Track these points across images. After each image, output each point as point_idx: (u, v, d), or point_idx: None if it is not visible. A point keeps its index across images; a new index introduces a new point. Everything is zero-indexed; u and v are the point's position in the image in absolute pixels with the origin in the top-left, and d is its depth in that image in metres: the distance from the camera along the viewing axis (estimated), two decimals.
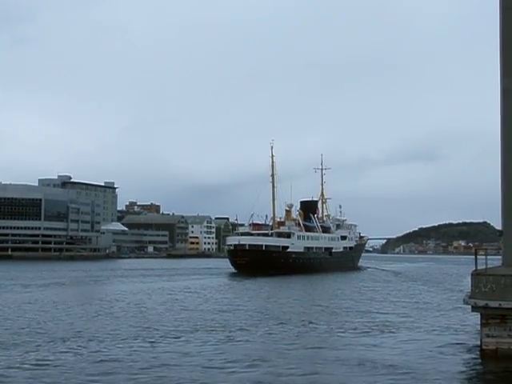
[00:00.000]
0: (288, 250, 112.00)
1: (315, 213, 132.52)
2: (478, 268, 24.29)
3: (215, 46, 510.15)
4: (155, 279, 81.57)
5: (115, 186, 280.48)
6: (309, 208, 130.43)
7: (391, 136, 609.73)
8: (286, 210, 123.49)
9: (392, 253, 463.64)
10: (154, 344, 26.68)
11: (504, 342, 22.06)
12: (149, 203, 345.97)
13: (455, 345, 26.53)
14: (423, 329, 32.15)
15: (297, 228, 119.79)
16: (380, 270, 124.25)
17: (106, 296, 53.31)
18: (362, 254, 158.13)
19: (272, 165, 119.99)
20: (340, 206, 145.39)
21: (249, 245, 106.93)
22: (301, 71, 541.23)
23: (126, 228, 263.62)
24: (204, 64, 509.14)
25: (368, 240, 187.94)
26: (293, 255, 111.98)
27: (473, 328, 29.48)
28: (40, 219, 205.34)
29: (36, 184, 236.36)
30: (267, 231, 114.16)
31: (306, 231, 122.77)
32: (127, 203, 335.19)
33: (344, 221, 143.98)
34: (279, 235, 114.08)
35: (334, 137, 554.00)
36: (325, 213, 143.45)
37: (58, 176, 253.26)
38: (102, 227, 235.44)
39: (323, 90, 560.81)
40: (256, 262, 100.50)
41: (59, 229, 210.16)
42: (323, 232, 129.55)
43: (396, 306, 45.25)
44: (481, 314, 22.93)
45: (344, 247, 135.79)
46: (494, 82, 25.80)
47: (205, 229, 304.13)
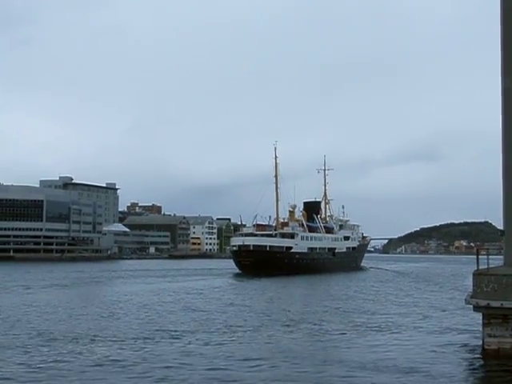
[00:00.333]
0: (292, 251, 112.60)
1: (318, 213, 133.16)
2: (480, 268, 24.29)
3: (215, 47, 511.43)
4: (158, 280, 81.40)
5: (117, 187, 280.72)
6: (312, 209, 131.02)
7: (392, 136, 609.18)
8: (290, 211, 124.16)
9: (394, 253, 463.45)
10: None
11: (506, 342, 22.07)
12: (150, 204, 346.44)
13: (457, 345, 26.53)
14: (425, 329, 32.16)
15: (300, 229, 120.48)
16: (382, 270, 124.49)
17: (110, 297, 53.32)
18: (365, 255, 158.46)
19: (275, 166, 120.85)
20: (343, 207, 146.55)
21: (253, 245, 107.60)
22: (301, 71, 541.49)
23: (128, 229, 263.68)
24: (204, 65, 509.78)
25: (370, 240, 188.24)
26: (296, 256, 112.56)
27: (475, 328, 29.47)
28: (42, 220, 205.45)
29: (38, 185, 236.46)
30: (271, 232, 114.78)
31: (310, 232, 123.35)
32: (129, 204, 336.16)
33: (347, 221, 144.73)
34: (283, 236, 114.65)
35: (335, 137, 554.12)
36: (328, 213, 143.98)
37: (60, 177, 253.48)
38: (104, 228, 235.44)
39: (323, 90, 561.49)
40: (260, 263, 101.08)
41: (61, 230, 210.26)
42: (326, 232, 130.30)
43: (398, 306, 45.28)
44: (483, 314, 22.94)
45: (347, 247, 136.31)
46: (495, 82, 25.83)
47: (206, 229, 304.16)
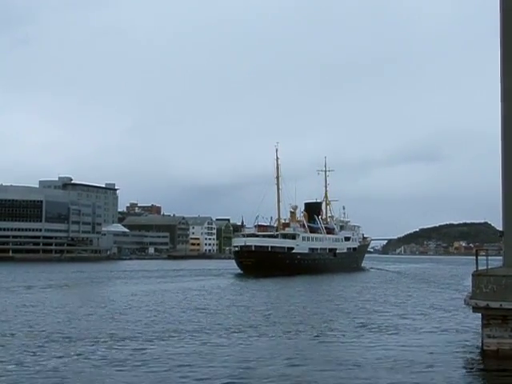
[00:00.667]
0: (293, 251, 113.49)
1: (319, 214, 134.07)
2: (479, 269, 24.25)
3: (215, 47, 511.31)
4: (157, 281, 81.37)
5: (116, 188, 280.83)
6: (313, 209, 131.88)
7: (392, 136, 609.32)
8: (291, 212, 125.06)
9: (393, 253, 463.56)
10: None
11: (505, 343, 22.03)
12: (150, 204, 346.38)
13: (456, 345, 26.51)
14: (424, 329, 32.13)
15: (301, 229, 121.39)
16: (383, 271, 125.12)
17: (109, 298, 53.30)
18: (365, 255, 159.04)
19: (277, 167, 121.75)
20: (343, 208, 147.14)
21: (255, 246, 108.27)
22: (301, 71, 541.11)
23: (127, 229, 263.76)
24: (204, 65, 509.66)
25: (371, 241, 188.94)
26: (298, 256, 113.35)
27: (474, 329, 29.43)
28: (41, 221, 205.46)
29: (37, 186, 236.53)
30: (272, 233, 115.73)
31: (311, 232, 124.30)
32: (128, 204, 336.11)
33: (347, 222, 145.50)
34: (284, 236, 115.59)
35: (335, 137, 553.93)
36: (328, 214, 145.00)
37: (59, 178, 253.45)
38: (103, 229, 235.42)
39: (323, 91, 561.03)
40: (262, 263, 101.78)
41: (60, 230, 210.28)
42: (327, 233, 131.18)
43: (397, 307, 45.25)
44: (482, 315, 22.90)
45: (348, 248, 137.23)
46: (496, 83, 25.74)
47: (205, 230, 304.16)
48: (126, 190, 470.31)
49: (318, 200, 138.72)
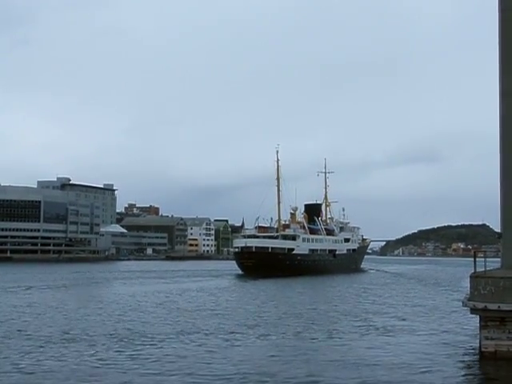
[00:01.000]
0: (293, 252, 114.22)
1: (319, 215, 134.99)
2: (477, 270, 24.22)
3: (215, 47, 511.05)
4: (155, 281, 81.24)
5: (114, 188, 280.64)
6: (313, 211, 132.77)
7: (392, 137, 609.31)
8: (291, 213, 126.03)
9: (391, 255, 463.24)
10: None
11: (503, 345, 22.00)
12: (148, 205, 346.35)
13: (454, 347, 26.49)
14: (422, 331, 32.11)
15: (302, 231, 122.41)
16: (382, 272, 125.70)
17: (107, 299, 53.26)
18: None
19: (277, 169, 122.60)
20: (343, 209, 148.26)
21: (255, 247, 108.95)
22: (301, 72, 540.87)
23: (125, 230, 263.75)
24: (204, 65, 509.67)
25: (370, 242, 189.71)
26: (298, 257, 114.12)
27: (472, 330, 29.39)
28: (39, 221, 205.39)
29: (35, 186, 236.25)
30: (273, 234, 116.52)
31: (311, 234, 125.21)
32: (126, 205, 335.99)
33: (347, 223, 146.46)
34: (285, 238, 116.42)
35: (335, 138, 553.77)
36: (328, 215, 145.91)
37: (58, 178, 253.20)
38: (101, 229, 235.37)
39: (323, 91, 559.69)
40: (262, 264, 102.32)
41: (58, 231, 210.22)
42: (327, 234, 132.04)
43: (396, 308, 45.22)
44: (480, 317, 22.86)
45: (347, 249, 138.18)
46: (495, 83, 25.67)
47: (204, 231, 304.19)
48: (125, 191, 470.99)
49: (318, 201, 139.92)
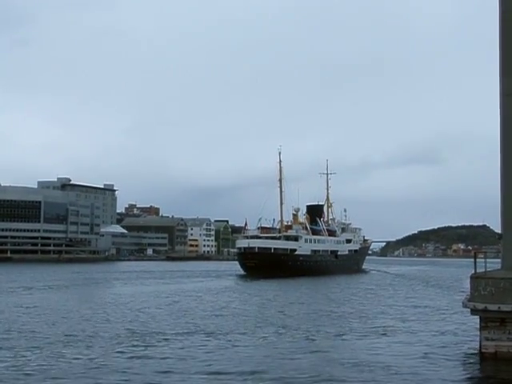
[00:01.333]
0: (296, 253, 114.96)
1: (321, 216, 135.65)
2: (478, 271, 24.18)
3: (215, 47, 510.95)
4: (155, 282, 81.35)
5: (115, 189, 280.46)
6: (315, 212, 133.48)
7: (392, 138, 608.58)
8: (293, 214, 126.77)
9: (391, 256, 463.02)
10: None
11: (503, 346, 21.96)
12: (148, 206, 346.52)
13: (454, 348, 26.44)
14: (423, 331, 32.07)
15: (304, 231, 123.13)
16: (383, 273, 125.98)
17: (107, 299, 53.25)
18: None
19: (280, 170, 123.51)
20: (345, 210, 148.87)
21: (258, 248, 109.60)
22: (301, 72, 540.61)
23: (126, 230, 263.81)
24: (204, 65, 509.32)
25: (371, 243, 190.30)
26: (300, 258, 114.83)
27: (472, 331, 29.34)
28: (39, 221, 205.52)
29: (35, 186, 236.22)
30: (275, 234, 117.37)
31: (313, 234, 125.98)
32: (127, 206, 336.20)
33: (349, 224, 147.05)
34: (287, 238, 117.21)
35: (335, 139, 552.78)
36: (330, 216, 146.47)
37: (58, 178, 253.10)
38: (102, 229, 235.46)
39: (323, 91, 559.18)
40: (265, 265, 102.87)
41: (58, 231, 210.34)
42: (329, 235, 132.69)
43: (397, 309, 45.21)
44: (480, 318, 22.82)
45: (349, 250, 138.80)
46: (496, 84, 25.62)
47: (204, 231, 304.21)
48: (125, 191, 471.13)
49: (320, 202, 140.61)
